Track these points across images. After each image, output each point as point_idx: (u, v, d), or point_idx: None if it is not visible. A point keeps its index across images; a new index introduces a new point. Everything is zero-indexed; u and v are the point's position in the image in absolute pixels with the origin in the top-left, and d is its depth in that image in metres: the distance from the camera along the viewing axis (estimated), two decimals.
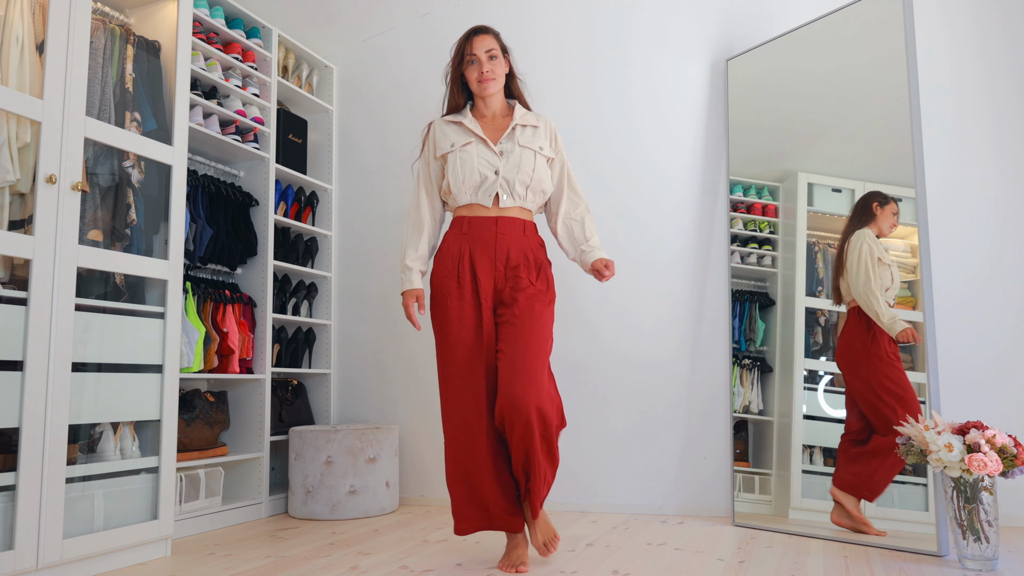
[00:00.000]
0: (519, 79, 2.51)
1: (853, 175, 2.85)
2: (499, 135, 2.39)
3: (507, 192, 2.33)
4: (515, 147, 2.36)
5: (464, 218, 2.36)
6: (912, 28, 2.60)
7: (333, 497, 3.17)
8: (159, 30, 2.69)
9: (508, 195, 2.33)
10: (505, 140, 2.38)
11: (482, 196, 2.33)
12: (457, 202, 2.38)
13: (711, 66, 3.38)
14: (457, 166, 2.34)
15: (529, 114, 2.46)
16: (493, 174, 2.33)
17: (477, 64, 2.37)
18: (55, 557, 2.12)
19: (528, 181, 2.35)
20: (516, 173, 2.33)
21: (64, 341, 2.17)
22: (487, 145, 2.36)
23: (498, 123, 2.43)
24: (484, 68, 2.36)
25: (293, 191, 3.75)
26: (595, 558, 2.40)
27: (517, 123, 2.40)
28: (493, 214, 2.34)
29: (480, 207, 2.35)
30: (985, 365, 2.90)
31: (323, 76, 3.97)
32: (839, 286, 2.78)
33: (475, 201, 2.34)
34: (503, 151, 2.36)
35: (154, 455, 2.50)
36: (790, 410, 2.92)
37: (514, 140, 2.38)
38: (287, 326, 3.69)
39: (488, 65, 2.36)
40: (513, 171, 2.33)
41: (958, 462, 2.18)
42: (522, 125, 2.41)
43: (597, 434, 3.33)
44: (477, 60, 2.37)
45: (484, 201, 2.33)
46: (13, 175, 2.18)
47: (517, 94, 2.49)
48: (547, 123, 2.48)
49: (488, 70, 2.36)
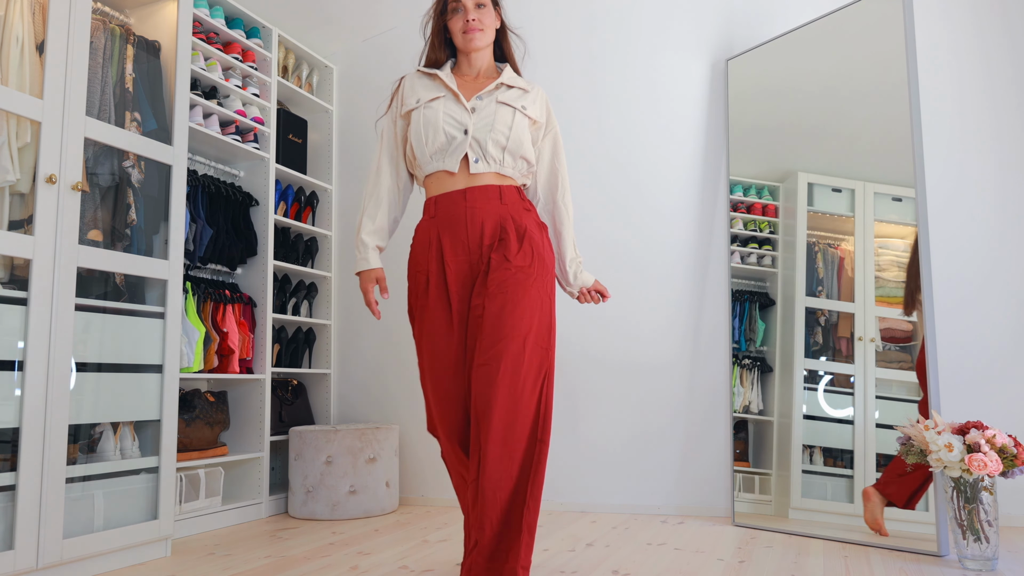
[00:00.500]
0: (512, 35, 2.16)
1: (853, 175, 2.85)
2: (476, 93, 2.02)
3: (478, 154, 1.94)
4: (491, 103, 1.98)
5: (432, 199, 2.00)
6: (912, 28, 2.60)
7: (333, 497, 3.17)
8: (159, 30, 2.69)
9: (480, 158, 1.95)
10: (481, 96, 2.00)
11: (448, 160, 1.95)
12: (422, 171, 2.02)
13: (711, 66, 3.38)
14: (420, 125, 1.97)
15: (520, 78, 2.10)
16: (461, 134, 1.95)
17: (463, 12, 2.02)
18: (55, 557, 2.12)
19: (504, 141, 1.95)
20: (488, 132, 1.94)
21: (64, 341, 2.17)
22: (458, 100, 1.98)
23: (480, 82, 2.06)
24: (470, 16, 2.01)
25: (293, 191, 3.75)
26: (595, 558, 2.40)
27: (503, 81, 2.04)
28: (461, 185, 1.95)
29: (446, 176, 1.96)
30: (985, 365, 2.90)
31: (323, 76, 3.97)
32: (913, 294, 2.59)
33: (441, 168, 1.96)
34: (475, 108, 1.98)
35: (154, 455, 2.50)
36: (790, 410, 2.92)
37: (492, 96, 2.00)
38: (287, 326, 3.69)
39: (475, 13, 2.01)
40: (485, 129, 1.95)
41: (958, 462, 2.18)
42: (508, 85, 2.05)
43: (597, 434, 3.33)
44: (463, 7, 2.02)
45: (450, 166, 1.95)
46: (13, 175, 2.18)
47: (509, 55, 2.14)
48: (539, 90, 2.10)
49: (475, 19, 2.01)
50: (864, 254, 2.77)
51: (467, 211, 1.93)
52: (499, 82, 2.03)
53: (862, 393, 2.73)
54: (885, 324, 2.70)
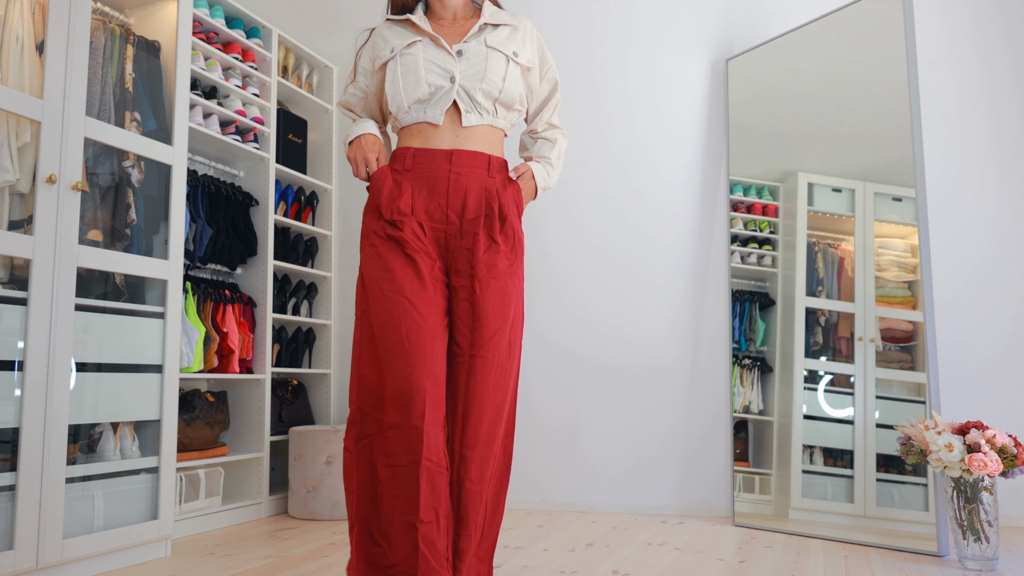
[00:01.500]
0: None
1: (853, 175, 2.85)
2: (459, 38, 1.78)
3: (468, 105, 1.72)
4: (480, 48, 1.75)
5: (408, 150, 1.73)
6: (912, 28, 2.60)
7: (333, 497, 3.17)
8: (159, 30, 2.69)
9: (471, 109, 1.72)
10: (467, 40, 1.76)
11: (431, 112, 1.71)
12: (399, 123, 1.78)
13: (711, 66, 3.38)
14: (397, 74, 1.72)
15: (503, 12, 1.84)
16: (447, 81, 1.71)
17: None
18: (55, 557, 2.12)
19: (496, 93, 1.73)
20: (479, 81, 1.71)
21: (64, 341, 2.17)
22: (439, 44, 1.74)
23: (460, 26, 1.82)
24: None
25: (293, 191, 3.75)
26: (595, 558, 2.39)
27: (487, 21, 1.79)
28: (447, 143, 1.71)
29: (429, 128, 1.72)
30: (985, 365, 2.90)
31: (323, 76, 3.97)
32: None
33: (423, 119, 1.72)
34: (462, 51, 1.74)
35: (154, 455, 2.50)
36: (790, 410, 2.92)
37: (479, 39, 1.77)
38: (287, 326, 3.69)
39: None
40: (475, 78, 1.71)
41: (958, 462, 2.19)
42: (492, 24, 1.80)
43: (597, 433, 3.33)
44: None
45: (433, 117, 1.71)
46: (13, 175, 2.18)
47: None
48: (527, 24, 1.85)
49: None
50: (864, 254, 2.77)
51: (451, 176, 1.69)
52: (483, 22, 1.78)
53: (862, 393, 2.74)
54: (885, 324, 2.70)
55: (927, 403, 2.46)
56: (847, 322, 2.81)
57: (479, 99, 1.72)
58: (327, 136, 3.94)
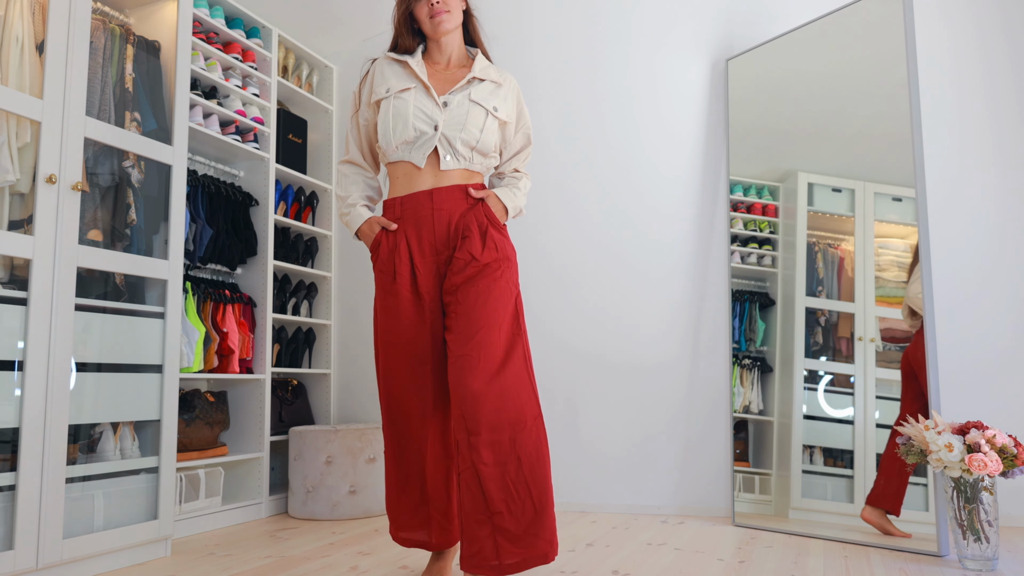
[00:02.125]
0: (476, 19, 2.12)
1: (853, 175, 2.85)
2: (450, 86, 2.01)
3: (447, 151, 1.95)
4: (464, 101, 1.97)
5: (396, 200, 1.99)
6: (912, 28, 2.60)
7: (333, 497, 3.17)
8: (159, 30, 2.69)
9: (450, 155, 1.95)
10: (454, 92, 1.98)
11: (415, 154, 1.95)
12: (386, 158, 2.02)
13: (711, 66, 3.38)
14: (388, 115, 1.95)
15: (491, 67, 2.07)
16: (431, 129, 1.93)
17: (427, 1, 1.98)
18: (55, 557, 2.12)
19: (474, 142, 1.96)
20: (459, 131, 1.94)
21: (64, 341, 2.17)
22: (429, 94, 1.96)
23: (452, 74, 2.05)
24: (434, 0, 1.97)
25: (293, 191, 3.75)
26: (595, 558, 2.39)
27: (475, 75, 2.01)
28: (428, 183, 1.95)
29: (412, 169, 1.96)
30: (985, 365, 2.90)
31: (323, 76, 3.97)
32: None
33: (406, 159, 1.96)
34: (447, 103, 1.96)
35: (154, 455, 2.50)
36: (790, 410, 2.92)
37: (464, 93, 1.98)
38: (287, 326, 3.69)
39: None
40: (456, 127, 1.94)
41: (958, 462, 2.18)
42: (480, 79, 2.02)
43: (597, 434, 3.33)
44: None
45: (416, 160, 1.95)
46: (13, 175, 2.18)
47: (476, 38, 2.11)
48: (511, 82, 2.08)
49: (439, 1, 1.96)
50: (864, 254, 2.77)
51: (433, 212, 1.94)
52: (471, 76, 2.00)
53: (862, 393, 2.74)
54: (885, 324, 2.70)
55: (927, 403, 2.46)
56: (847, 322, 2.82)
57: (458, 147, 1.95)
58: (327, 136, 3.94)
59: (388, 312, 1.97)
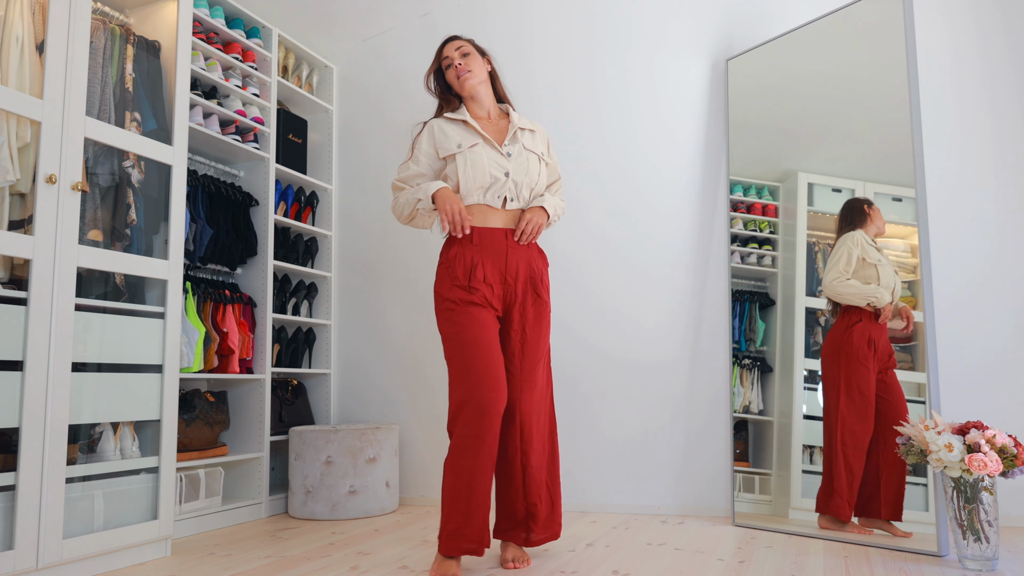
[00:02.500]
0: (500, 80, 2.58)
1: (853, 175, 2.85)
2: (502, 137, 2.43)
3: (513, 195, 2.35)
4: (521, 150, 2.40)
5: (473, 229, 2.33)
6: (912, 28, 2.60)
7: (333, 497, 3.17)
8: (159, 30, 2.69)
9: (515, 198, 2.36)
10: (510, 142, 2.41)
11: (491, 197, 2.34)
12: (464, 200, 2.36)
13: (711, 66, 3.38)
14: (468, 166, 2.33)
15: (523, 118, 2.52)
16: (504, 175, 2.35)
17: (453, 65, 2.44)
18: (55, 557, 2.12)
19: (533, 186, 2.39)
20: (524, 176, 2.37)
21: (64, 341, 2.17)
22: (494, 147, 2.37)
23: (497, 125, 2.47)
24: (457, 62, 2.42)
25: (293, 191, 3.75)
26: (595, 558, 2.40)
27: (517, 127, 2.44)
28: (500, 222, 2.35)
29: (488, 210, 2.35)
30: (985, 365, 2.90)
31: (323, 76, 3.97)
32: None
33: (483, 202, 2.34)
34: (510, 153, 2.38)
35: (154, 455, 2.50)
36: (790, 410, 2.92)
37: (519, 143, 2.42)
38: (287, 326, 3.69)
39: (460, 60, 2.42)
40: (521, 173, 2.37)
41: (958, 462, 2.18)
42: (521, 128, 2.46)
43: (597, 434, 3.33)
44: (451, 59, 2.44)
45: (493, 202, 2.34)
46: (13, 175, 2.18)
47: (503, 97, 2.55)
48: (540, 129, 2.55)
49: (461, 63, 2.41)
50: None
51: (508, 251, 2.33)
52: (516, 128, 2.43)
53: None
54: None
55: (927, 403, 2.46)
56: None
57: (522, 191, 2.37)
58: (327, 136, 3.94)
59: (466, 318, 2.26)
